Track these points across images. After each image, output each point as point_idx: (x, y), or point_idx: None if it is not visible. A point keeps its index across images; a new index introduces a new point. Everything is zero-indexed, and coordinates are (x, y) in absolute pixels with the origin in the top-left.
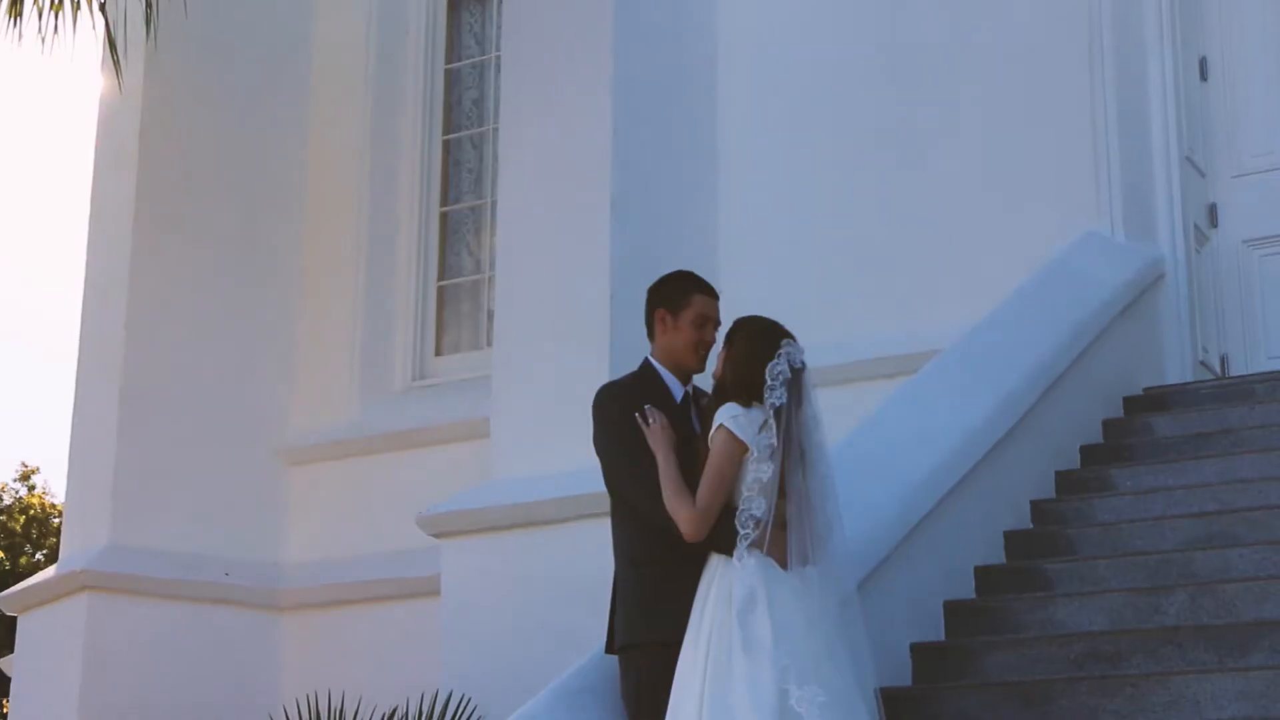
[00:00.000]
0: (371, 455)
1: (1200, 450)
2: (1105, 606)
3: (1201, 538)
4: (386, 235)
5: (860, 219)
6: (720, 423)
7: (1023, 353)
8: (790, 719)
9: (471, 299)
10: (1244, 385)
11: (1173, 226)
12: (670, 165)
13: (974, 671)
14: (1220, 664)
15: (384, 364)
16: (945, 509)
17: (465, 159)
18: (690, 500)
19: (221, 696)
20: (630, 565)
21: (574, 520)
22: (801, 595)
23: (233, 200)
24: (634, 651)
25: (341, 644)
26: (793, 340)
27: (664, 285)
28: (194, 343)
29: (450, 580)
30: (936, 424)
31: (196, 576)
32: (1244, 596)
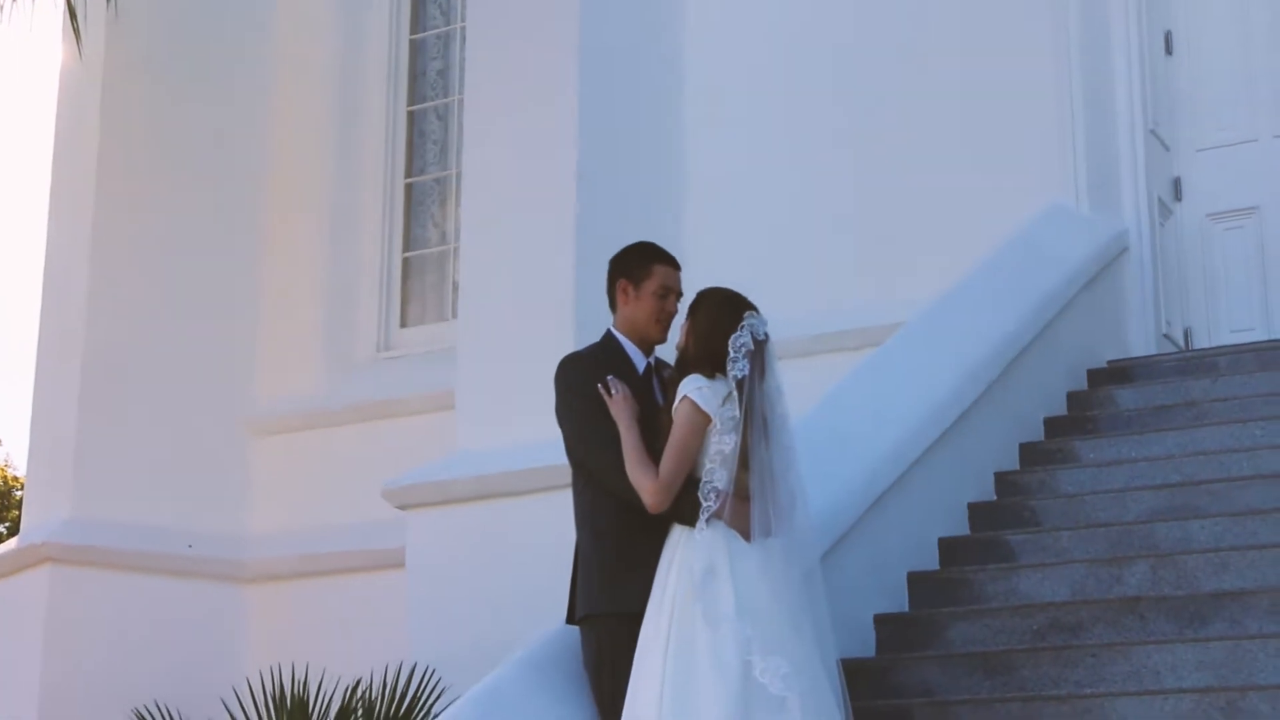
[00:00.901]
0: (336, 427)
1: (1163, 423)
2: (1068, 577)
3: (1163, 509)
4: (351, 207)
5: (826, 193)
6: (684, 394)
7: (987, 325)
8: (754, 690)
9: (437, 271)
10: (1207, 358)
11: (1137, 200)
12: (636, 137)
13: (937, 642)
14: (1180, 634)
15: (349, 336)
16: (909, 481)
17: (430, 130)
18: (653, 472)
19: (185, 669)
20: (592, 536)
21: (539, 492)
22: (764, 567)
23: (195, 171)
24: (596, 622)
25: (306, 616)
26: (756, 312)
27: (625, 256)
28: (157, 315)
29: (415, 552)
30: (901, 396)
31: (160, 549)
32: (1204, 568)
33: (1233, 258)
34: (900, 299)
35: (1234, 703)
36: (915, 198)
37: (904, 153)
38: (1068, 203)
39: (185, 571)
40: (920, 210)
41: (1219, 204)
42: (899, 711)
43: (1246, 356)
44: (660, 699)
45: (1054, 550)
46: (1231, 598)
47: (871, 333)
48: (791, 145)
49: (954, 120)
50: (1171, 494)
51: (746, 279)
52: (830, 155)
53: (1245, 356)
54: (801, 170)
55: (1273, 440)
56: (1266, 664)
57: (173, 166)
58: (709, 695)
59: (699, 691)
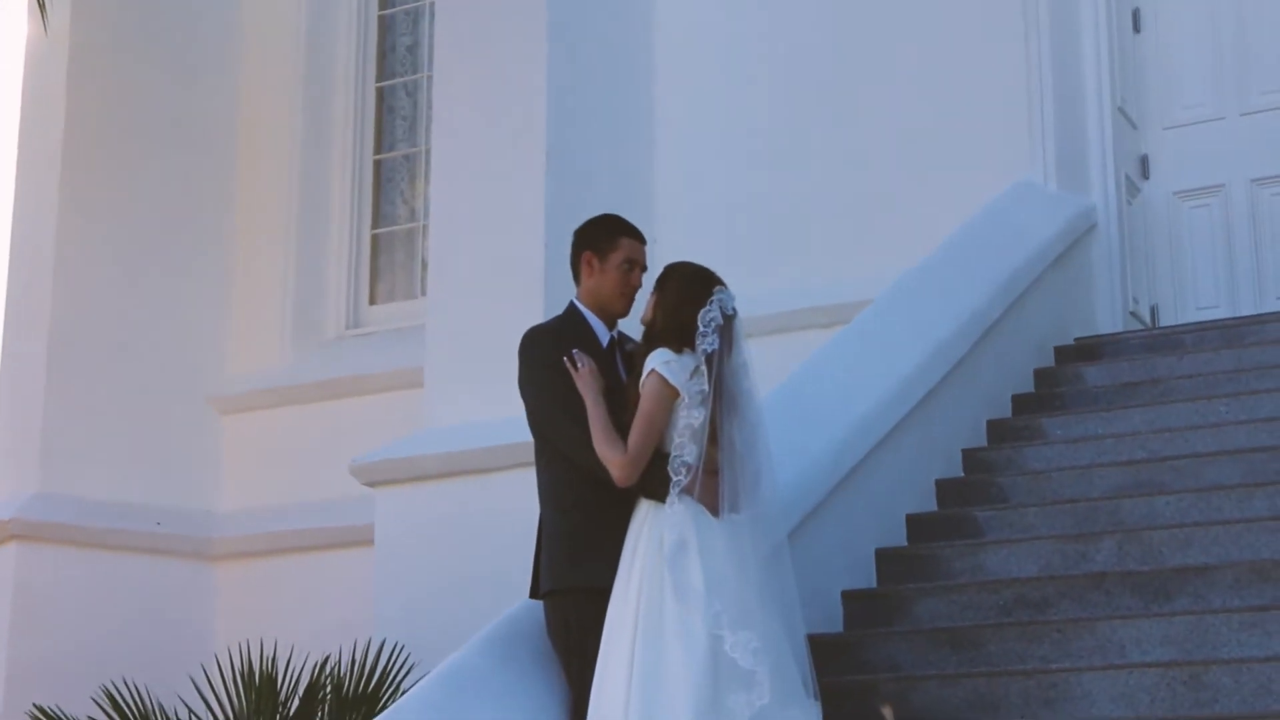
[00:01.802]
0: (305, 404)
1: (1129, 399)
2: (1034, 553)
3: (1129, 485)
4: (320, 183)
5: (796, 169)
6: (652, 368)
7: (955, 302)
8: (722, 665)
9: (406, 248)
10: (1173, 336)
11: (1105, 177)
12: (606, 114)
13: (904, 618)
14: (1145, 609)
15: (317, 312)
16: (877, 457)
17: (399, 106)
18: (621, 446)
19: (153, 646)
20: (557, 510)
21: (507, 469)
22: (732, 542)
23: (163, 146)
24: (563, 597)
25: (274, 593)
26: (724, 287)
27: (590, 228)
28: (123, 291)
29: (383, 529)
30: (869, 373)
31: (127, 525)
32: (1169, 543)
33: (1199, 235)
34: (870, 276)
35: (1197, 676)
36: (885, 175)
37: (873, 131)
38: (1036, 180)
39: (153, 549)
40: (890, 188)
41: (1186, 182)
42: (866, 687)
43: (1212, 334)
44: (629, 674)
45: (1021, 527)
46: (1196, 573)
47: (841, 309)
48: (762, 123)
49: (924, 98)
50: (1137, 470)
51: (717, 256)
52: (800, 132)
53: (1210, 334)
54: (772, 148)
55: (1237, 417)
56: (1230, 638)
57: (139, 143)
58: (677, 670)
59: (667, 666)
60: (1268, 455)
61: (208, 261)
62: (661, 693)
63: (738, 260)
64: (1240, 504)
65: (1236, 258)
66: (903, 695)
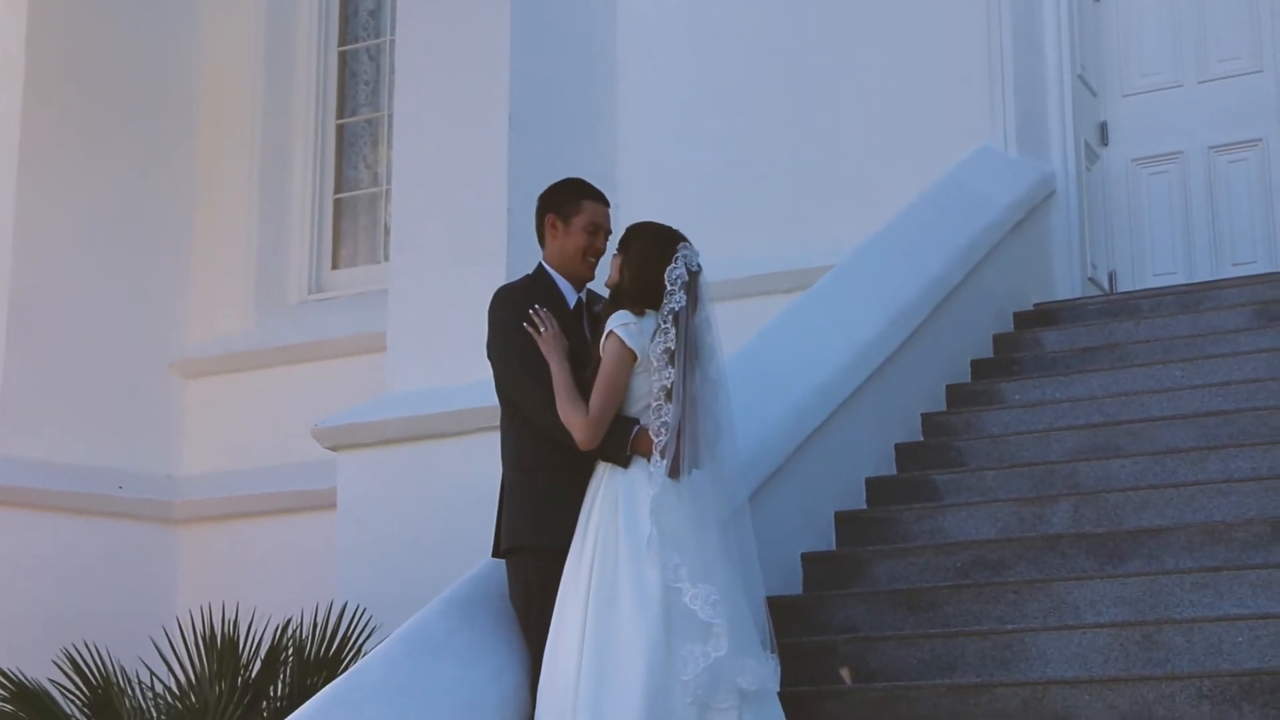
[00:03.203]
0: (267, 368)
1: (1087, 364)
2: (992, 516)
3: (1086, 449)
4: (282, 148)
5: (758, 135)
6: (610, 329)
7: (915, 268)
8: (676, 618)
9: (369, 212)
10: (1130, 301)
11: (1064, 144)
12: (570, 79)
13: (863, 580)
14: (1100, 571)
15: (280, 277)
16: (837, 421)
17: (362, 71)
18: (584, 408)
19: (115, 610)
20: (519, 471)
21: (470, 433)
22: (692, 500)
23: (123, 110)
24: (523, 556)
25: (237, 557)
26: (688, 243)
27: (555, 191)
28: (85, 255)
29: (346, 493)
30: (829, 338)
31: (89, 489)
32: (1125, 506)
33: (1157, 202)
34: (831, 242)
35: (1150, 636)
36: (846, 142)
37: (835, 97)
38: (996, 147)
39: (115, 512)
40: (851, 154)
41: (1144, 149)
42: (824, 648)
43: (1168, 299)
44: (582, 631)
45: (979, 490)
46: (1150, 535)
47: (802, 275)
48: (724, 89)
49: (885, 65)
50: (1094, 434)
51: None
52: (762, 99)
53: (1167, 299)
54: (734, 114)
55: (1192, 381)
56: (1182, 598)
57: (100, 107)
58: (630, 624)
59: (620, 621)
60: (1221, 419)
61: (170, 226)
62: (614, 647)
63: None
64: (1194, 467)
65: (1194, 224)
66: (860, 656)
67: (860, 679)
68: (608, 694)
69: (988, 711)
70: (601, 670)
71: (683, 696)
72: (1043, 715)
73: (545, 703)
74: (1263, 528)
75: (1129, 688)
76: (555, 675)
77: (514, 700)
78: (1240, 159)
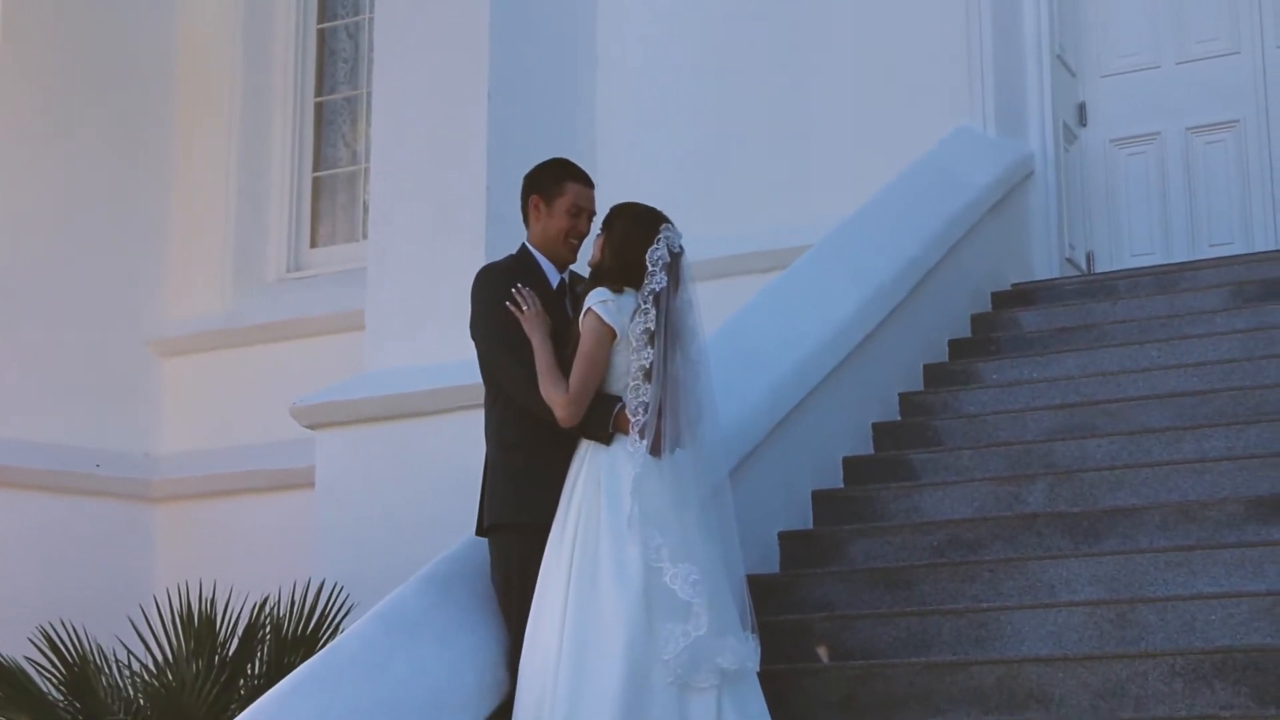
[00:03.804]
0: (245, 346)
1: (1063, 344)
2: (968, 495)
3: (1062, 429)
4: (260, 125)
5: (737, 115)
6: (589, 306)
7: (894, 247)
8: (657, 597)
9: (347, 190)
10: (1107, 282)
11: (1043, 124)
12: (549, 57)
13: (839, 558)
14: (1075, 550)
15: (258, 255)
16: (815, 400)
17: (341, 48)
18: (565, 386)
19: (92, 588)
20: (501, 448)
21: (448, 412)
22: (673, 479)
23: (101, 87)
24: (504, 533)
25: (215, 535)
26: (670, 224)
27: (539, 172)
28: (61, 233)
29: (324, 471)
30: (807, 317)
31: (67, 467)
32: (1100, 485)
33: (1134, 182)
34: (810, 221)
35: (1124, 615)
36: (826, 122)
37: (814, 77)
38: (975, 127)
39: (93, 491)
40: (830, 134)
41: (1122, 129)
42: (800, 626)
43: (1145, 280)
44: (564, 609)
45: (955, 469)
46: (1125, 514)
47: (781, 255)
48: (704, 68)
49: (864, 45)
50: (1070, 414)
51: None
52: (742, 79)
53: (1144, 280)
54: (713, 93)
55: (1168, 361)
56: (1156, 577)
57: (78, 84)
58: (611, 602)
59: (601, 599)
60: (1196, 399)
61: (148, 203)
62: (595, 626)
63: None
64: (1169, 447)
65: (1171, 205)
66: (837, 634)
67: (836, 657)
68: (588, 672)
69: (962, 689)
70: (582, 649)
71: (663, 676)
72: (1017, 693)
73: (525, 681)
74: (1236, 507)
75: (1103, 665)
76: (536, 653)
77: (491, 678)
78: (1218, 140)
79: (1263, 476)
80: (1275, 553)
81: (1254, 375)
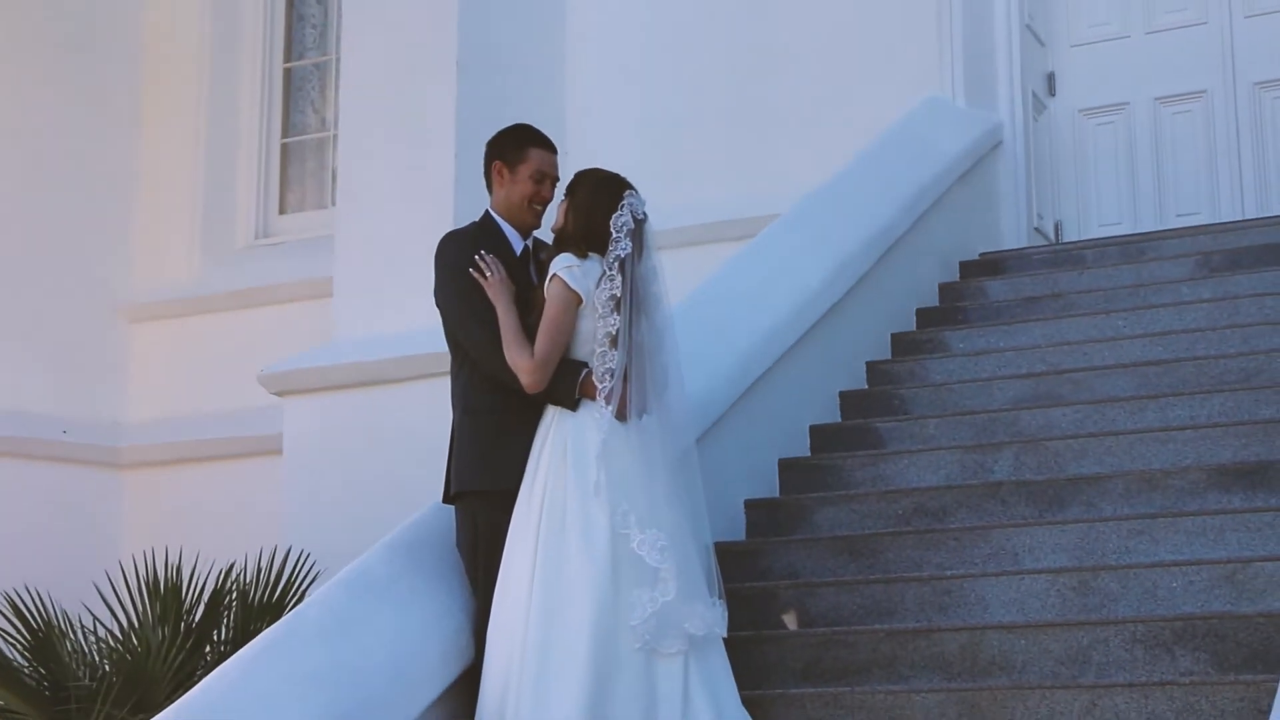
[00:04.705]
0: (213, 313)
1: (1030, 313)
2: (934, 464)
3: (1028, 397)
4: (228, 91)
5: (707, 83)
6: (554, 272)
7: (862, 216)
8: (623, 562)
9: (316, 157)
10: (1075, 251)
11: (1012, 94)
12: (518, 24)
13: (805, 526)
14: (1039, 518)
15: (226, 221)
16: (782, 368)
17: (309, 13)
18: (530, 352)
19: (59, 554)
20: (466, 414)
21: (416, 379)
22: (640, 445)
23: (67, 50)
24: (471, 499)
25: (183, 502)
26: (634, 191)
27: (502, 138)
28: (30, 198)
29: (292, 438)
30: (775, 286)
31: (34, 434)
32: (1065, 454)
33: (1103, 153)
34: (779, 191)
35: (1086, 582)
36: (796, 91)
37: (785, 46)
38: (944, 97)
39: (60, 457)
40: (800, 103)
41: (1091, 99)
42: (765, 593)
43: (1112, 250)
44: (531, 575)
45: (921, 438)
46: (1089, 482)
47: (751, 223)
48: (674, 37)
49: (835, 14)
50: (1036, 383)
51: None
52: (712, 46)
53: (1111, 250)
54: (683, 62)
55: (1133, 331)
56: (1118, 545)
57: (43, 48)
58: (577, 568)
59: (568, 565)
60: (1161, 369)
61: (115, 169)
62: (562, 591)
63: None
64: (1133, 415)
65: (1139, 175)
66: (801, 601)
67: (800, 624)
68: (555, 638)
69: (926, 656)
70: (549, 614)
71: (630, 641)
72: (979, 659)
73: (493, 647)
74: (1199, 475)
75: (1065, 632)
76: (503, 619)
77: (456, 645)
78: (1185, 110)
79: (1225, 445)
80: (1236, 521)
81: (1218, 345)
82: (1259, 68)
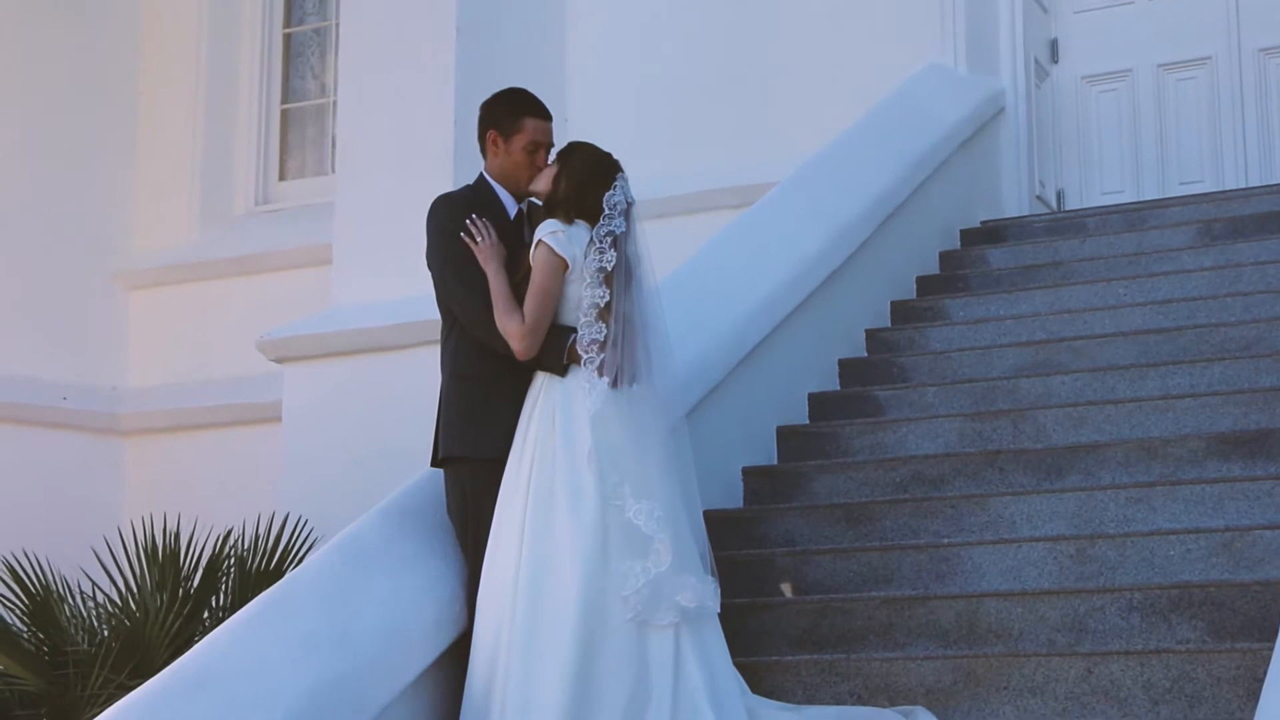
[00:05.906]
0: (213, 280)
1: (1031, 281)
2: (933, 432)
3: (1028, 365)
4: (228, 57)
5: (707, 50)
6: (540, 238)
7: (861, 183)
8: (614, 532)
9: (316, 123)
10: (1076, 219)
11: (1014, 61)
12: None
13: (803, 494)
14: (1037, 486)
15: (226, 188)
16: (781, 336)
17: None
18: (520, 317)
19: (59, 521)
20: (455, 379)
21: (415, 346)
22: (631, 415)
23: (65, 16)
24: (460, 465)
25: (183, 469)
26: (623, 173)
27: (496, 105)
28: (29, 165)
29: (291, 405)
30: (773, 253)
31: (33, 400)
32: (1063, 422)
33: (1106, 120)
34: (779, 158)
35: (1083, 550)
36: (796, 58)
37: (785, 12)
38: (946, 63)
39: (60, 423)
40: (800, 70)
41: (1094, 66)
42: (762, 561)
43: (1114, 218)
44: (520, 542)
45: (920, 406)
46: (1087, 451)
47: (751, 191)
48: (674, 3)
49: None
50: (1036, 351)
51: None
52: (713, 12)
53: (1113, 218)
54: (684, 28)
55: (1134, 299)
56: (1116, 513)
57: (41, 15)
58: (565, 536)
59: (556, 533)
60: (1161, 337)
61: (115, 136)
62: (550, 558)
63: (649, 141)
64: (1133, 384)
65: (1142, 143)
66: (798, 569)
67: (797, 591)
68: (543, 605)
69: (922, 623)
70: (538, 581)
71: (622, 613)
72: (976, 627)
73: (483, 614)
74: (1198, 444)
75: (1061, 600)
76: (492, 586)
77: (449, 611)
78: (1188, 77)
79: (1225, 414)
80: (1235, 489)
81: (1219, 313)
82: (1264, 34)
